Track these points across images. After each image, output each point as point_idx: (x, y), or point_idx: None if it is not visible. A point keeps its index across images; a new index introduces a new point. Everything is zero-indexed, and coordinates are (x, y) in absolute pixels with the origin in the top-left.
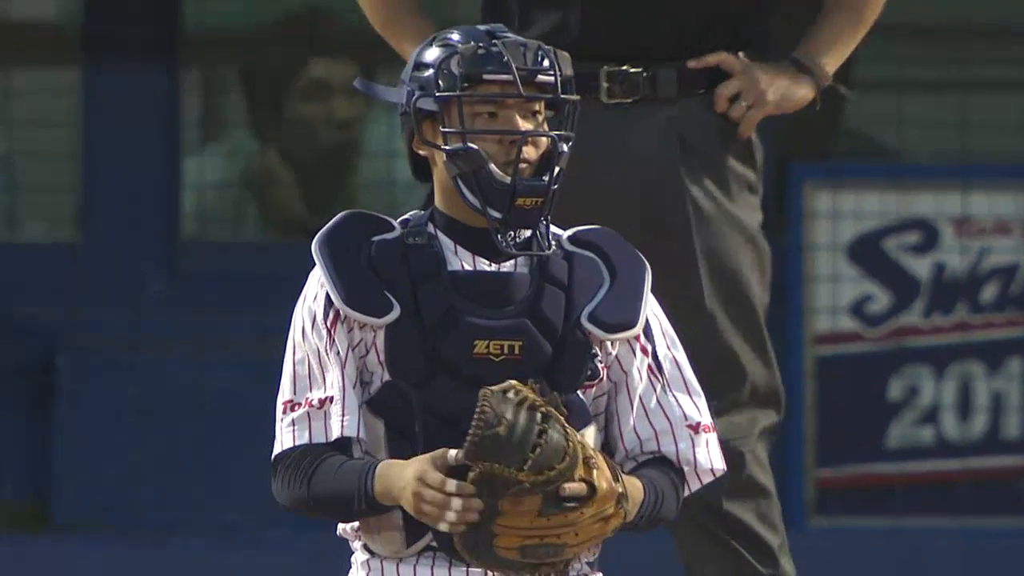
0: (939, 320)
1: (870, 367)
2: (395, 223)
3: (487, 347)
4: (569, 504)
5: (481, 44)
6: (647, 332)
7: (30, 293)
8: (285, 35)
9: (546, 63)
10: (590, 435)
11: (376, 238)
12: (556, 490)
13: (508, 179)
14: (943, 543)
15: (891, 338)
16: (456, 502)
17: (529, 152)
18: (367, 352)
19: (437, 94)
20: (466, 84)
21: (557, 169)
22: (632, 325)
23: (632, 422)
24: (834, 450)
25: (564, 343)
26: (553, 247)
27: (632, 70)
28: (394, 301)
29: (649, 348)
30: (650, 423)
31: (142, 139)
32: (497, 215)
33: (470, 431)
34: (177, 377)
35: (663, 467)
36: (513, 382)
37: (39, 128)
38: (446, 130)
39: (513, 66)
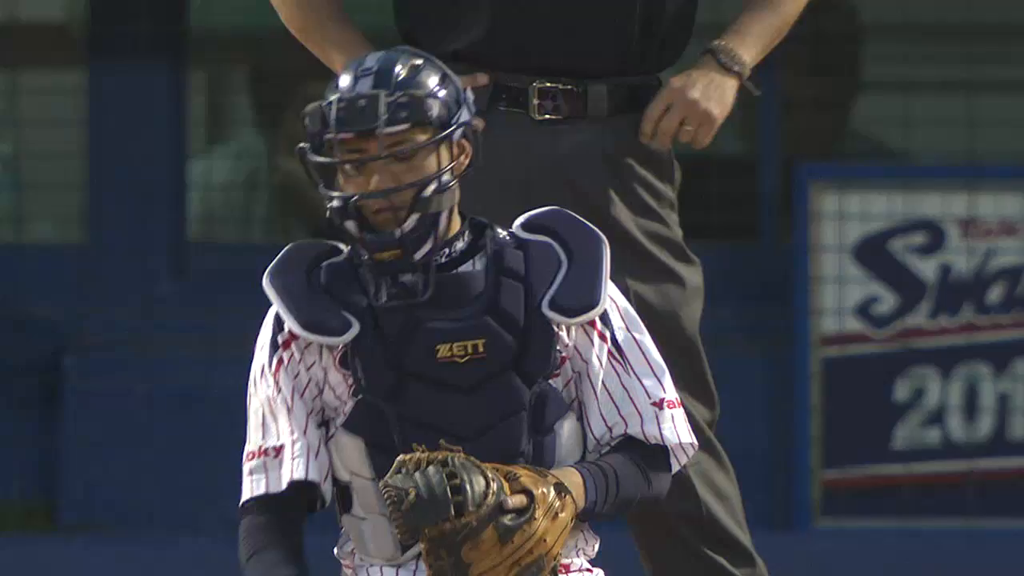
0: (945, 321)
1: (876, 368)
2: (342, 247)
3: (450, 350)
4: (520, 519)
5: (328, 102)
6: (604, 318)
7: (37, 293)
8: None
9: (383, 114)
10: (569, 425)
11: (325, 263)
12: (501, 513)
13: (357, 233)
14: (949, 544)
15: (897, 339)
16: None
17: (379, 204)
18: (320, 391)
19: (296, 150)
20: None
21: (415, 217)
22: (594, 305)
23: (599, 409)
24: (840, 451)
25: (528, 333)
26: (503, 243)
27: (563, 87)
28: (352, 319)
29: (607, 333)
30: (616, 408)
31: (149, 139)
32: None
33: (390, 518)
34: (184, 377)
35: (627, 448)
36: (400, 456)
37: (46, 128)
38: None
39: (344, 129)
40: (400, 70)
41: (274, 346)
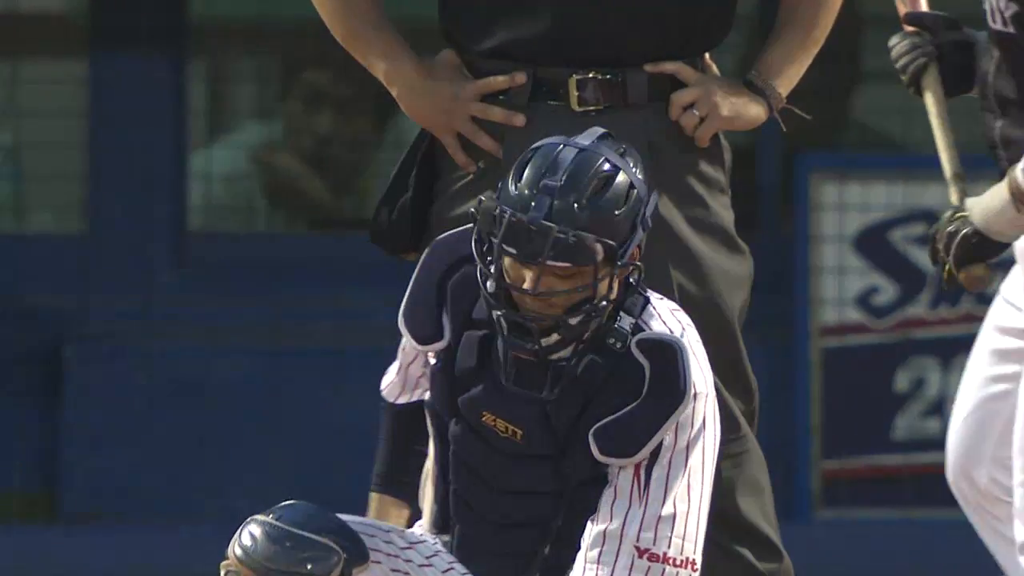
0: (945, 312)
1: (876, 359)
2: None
3: (494, 420)
4: None
5: (503, 210)
6: (655, 450)
7: (38, 283)
8: (294, 25)
9: (548, 250)
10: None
11: (466, 267)
12: None
13: (504, 325)
14: (949, 534)
15: (897, 330)
16: None
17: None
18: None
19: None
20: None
21: (556, 336)
22: (628, 456)
23: (597, 517)
24: (840, 442)
25: (569, 443)
26: (622, 343)
27: (602, 76)
28: (448, 331)
29: (644, 463)
30: (606, 527)
31: (150, 129)
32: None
33: None
34: (185, 366)
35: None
36: None
37: (47, 118)
38: None
39: (508, 248)
40: (584, 192)
41: None
